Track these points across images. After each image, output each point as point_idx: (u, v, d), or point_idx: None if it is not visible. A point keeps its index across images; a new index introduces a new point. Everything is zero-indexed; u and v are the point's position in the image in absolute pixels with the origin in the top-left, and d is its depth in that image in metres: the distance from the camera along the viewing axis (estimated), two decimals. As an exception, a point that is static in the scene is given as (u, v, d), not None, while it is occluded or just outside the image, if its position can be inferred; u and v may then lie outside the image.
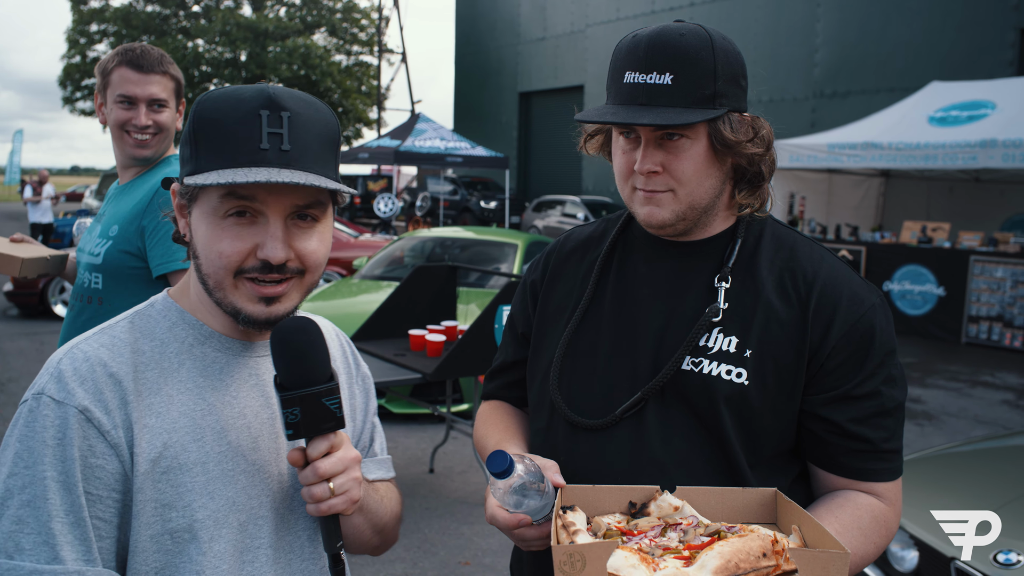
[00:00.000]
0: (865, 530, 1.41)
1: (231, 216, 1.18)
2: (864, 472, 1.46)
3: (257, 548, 1.25)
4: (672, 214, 1.48)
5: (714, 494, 1.37)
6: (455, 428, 6.19)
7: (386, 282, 8.66)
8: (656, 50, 1.41)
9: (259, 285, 1.21)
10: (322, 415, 1.20)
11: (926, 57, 16.83)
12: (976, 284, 11.47)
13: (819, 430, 1.46)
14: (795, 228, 1.61)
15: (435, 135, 22.03)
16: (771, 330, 1.45)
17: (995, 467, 3.95)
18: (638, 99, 1.42)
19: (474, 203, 27.10)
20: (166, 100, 2.63)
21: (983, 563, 2.89)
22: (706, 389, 1.44)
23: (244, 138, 1.15)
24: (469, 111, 34.72)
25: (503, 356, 1.81)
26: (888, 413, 1.46)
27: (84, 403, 1.13)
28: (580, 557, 1.13)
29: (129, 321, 1.26)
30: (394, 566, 4.52)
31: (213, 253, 1.19)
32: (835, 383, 1.44)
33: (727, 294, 1.49)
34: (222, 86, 1.23)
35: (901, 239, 12.76)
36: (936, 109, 12.06)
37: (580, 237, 1.76)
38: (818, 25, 19.43)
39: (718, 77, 1.42)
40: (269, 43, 35.97)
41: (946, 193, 14.46)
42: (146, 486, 1.16)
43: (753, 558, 1.15)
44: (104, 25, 36.69)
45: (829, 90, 18.92)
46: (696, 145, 1.44)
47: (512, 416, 1.77)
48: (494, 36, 33.14)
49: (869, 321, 1.45)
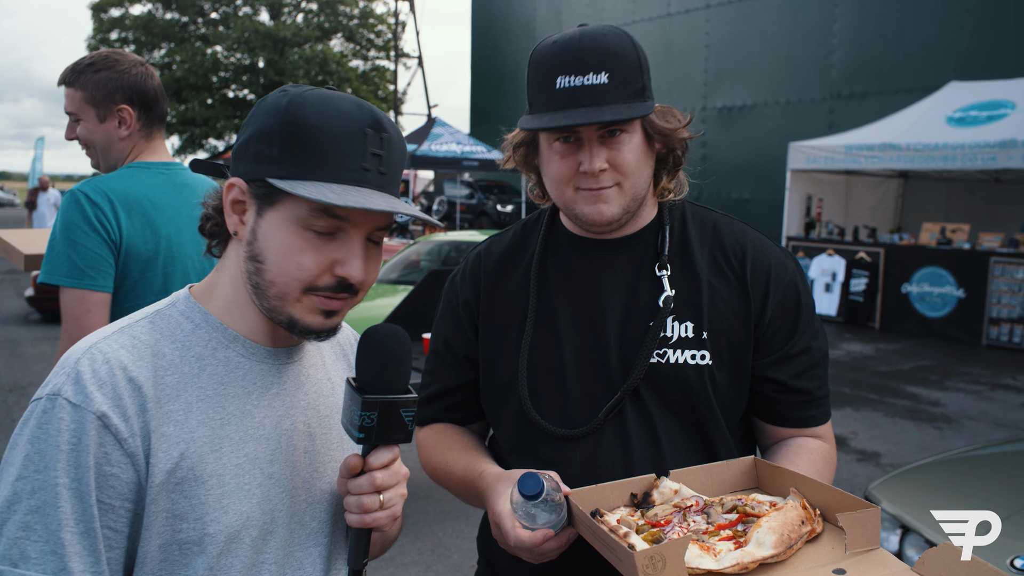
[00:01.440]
0: (821, 470, 1.57)
1: (314, 231, 1.15)
2: (807, 420, 1.63)
3: (263, 563, 1.22)
4: (619, 208, 1.53)
5: (703, 471, 1.48)
6: (470, 432, 6.18)
7: (402, 286, 8.68)
8: (587, 51, 1.44)
9: (328, 300, 1.18)
10: (396, 425, 1.18)
11: (944, 57, 16.67)
12: (997, 286, 11.34)
13: (766, 390, 1.60)
14: (710, 207, 1.72)
15: (451, 139, 22.06)
16: (718, 308, 1.56)
17: (1014, 471, 3.90)
18: (580, 101, 1.44)
19: (491, 207, 27.12)
20: (76, 112, 2.53)
21: (1000, 567, 2.85)
22: (677, 377, 1.53)
23: (349, 154, 1.13)
24: (486, 115, 34.76)
25: (440, 382, 1.75)
26: (818, 364, 1.62)
27: (102, 408, 1.08)
28: (661, 558, 1.17)
29: (150, 321, 1.20)
30: (407, 569, 4.53)
31: (292, 264, 1.15)
32: (777, 345, 1.58)
33: (671, 281, 1.56)
34: (323, 88, 1.19)
35: (920, 241, 12.65)
36: (955, 109, 11.96)
37: (502, 247, 1.74)
38: (835, 26, 19.30)
39: (643, 71, 1.50)
40: (287, 50, 36.20)
41: (966, 194, 14.33)
42: (160, 497, 1.12)
43: (797, 527, 1.26)
44: (124, 33, 37.05)
45: (847, 91, 18.78)
46: (634, 138, 1.50)
47: (464, 436, 1.75)
48: (510, 40, 33.18)
49: (794, 283, 1.60)
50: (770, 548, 1.21)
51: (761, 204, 17.85)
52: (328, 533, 1.31)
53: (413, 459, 6.80)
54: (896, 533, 3.42)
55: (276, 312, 1.19)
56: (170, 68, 36.43)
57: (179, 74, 35.37)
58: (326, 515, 1.31)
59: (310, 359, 1.34)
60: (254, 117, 1.19)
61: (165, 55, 37.08)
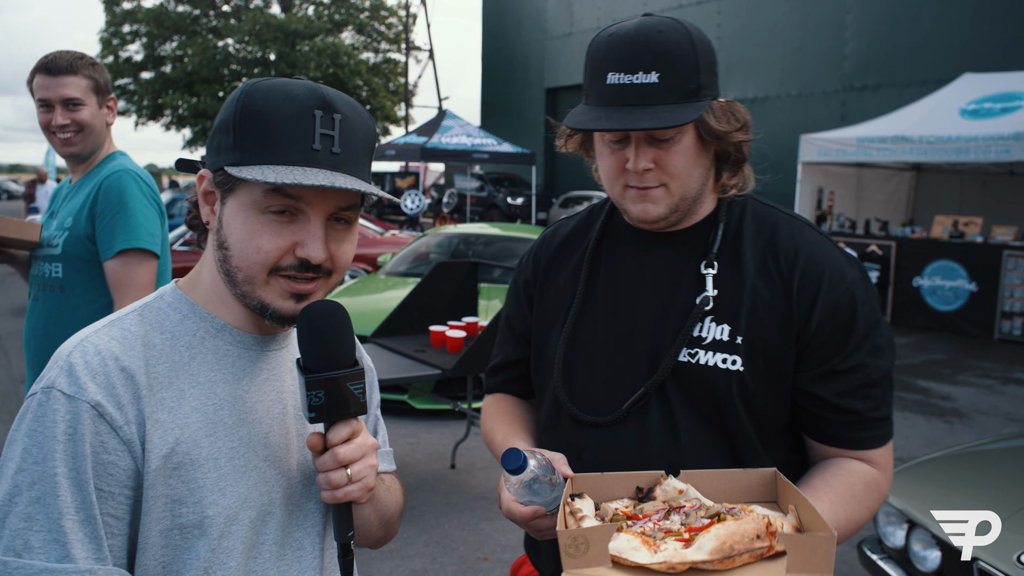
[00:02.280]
0: (858, 496, 1.47)
1: (272, 213, 1.17)
2: (854, 442, 1.51)
3: (262, 544, 1.24)
4: (666, 208, 1.50)
5: (716, 476, 1.43)
6: (476, 424, 6.19)
7: (411, 278, 8.69)
8: (638, 48, 1.41)
9: (293, 281, 1.20)
10: (346, 399, 1.19)
11: (958, 48, 16.52)
12: (1009, 279, 11.25)
13: (809, 405, 1.51)
14: (776, 205, 1.64)
15: (462, 132, 22.04)
16: (759, 314, 1.49)
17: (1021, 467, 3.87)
18: (627, 100, 1.42)
19: (501, 199, 27.12)
20: (79, 98, 2.79)
21: (1006, 564, 2.84)
22: (704, 379, 1.48)
23: (296, 136, 1.15)
24: (496, 107, 34.72)
25: (502, 355, 1.84)
26: (874, 383, 1.50)
27: (96, 398, 1.11)
28: (584, 540, 1.20)
29: (139, 314, 1.23)
30: (413, 561, 4.54)
31: (251, 247, 1.18)
32: (822, 359, 1.48)
33: (715, 281, 1.52)
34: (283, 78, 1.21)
35: (932, 234, 12.56)
36: (968, 101, 11.85)
37: (566, 231, 1.77)
38: (848, 17, 19.16)
39: (700, 70, 1.44)
40: (298, 42, 36.23)
41: (979, 187, 14.22)
42: (158, 482, 1.14)
43: (747, 540, 1.20)
44: (136, 26, 37.16)
45: (859, 83, 18.66)
46: (685, 139, 1.46)
47: (517, 408, 1.81)
48: (521, 32, 33.09)
49: (850, 295, 1.49)
50: (704, 554, 1.18)
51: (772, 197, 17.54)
52: (323, 512, 1.35)
53: (420, 451, 6.78)
54: (903, 528, 3.40)
55: (248, 298, 1.22)
56: (182, 61, 36.52)
57: (191, 67, 35.46)
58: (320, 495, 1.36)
59: (295, 346, 1.36)
60: (220, 111, 1.23)
61: (177, 48, 37.17)
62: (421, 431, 6.85)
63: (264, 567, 1.25)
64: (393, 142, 23.44)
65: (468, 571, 4.47)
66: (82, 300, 2.83)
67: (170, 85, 36.70)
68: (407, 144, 22.07)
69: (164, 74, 37.40)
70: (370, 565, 4.46)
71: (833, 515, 1.41)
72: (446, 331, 5.40)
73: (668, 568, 1.18)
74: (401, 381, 4.96)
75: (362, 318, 6.95)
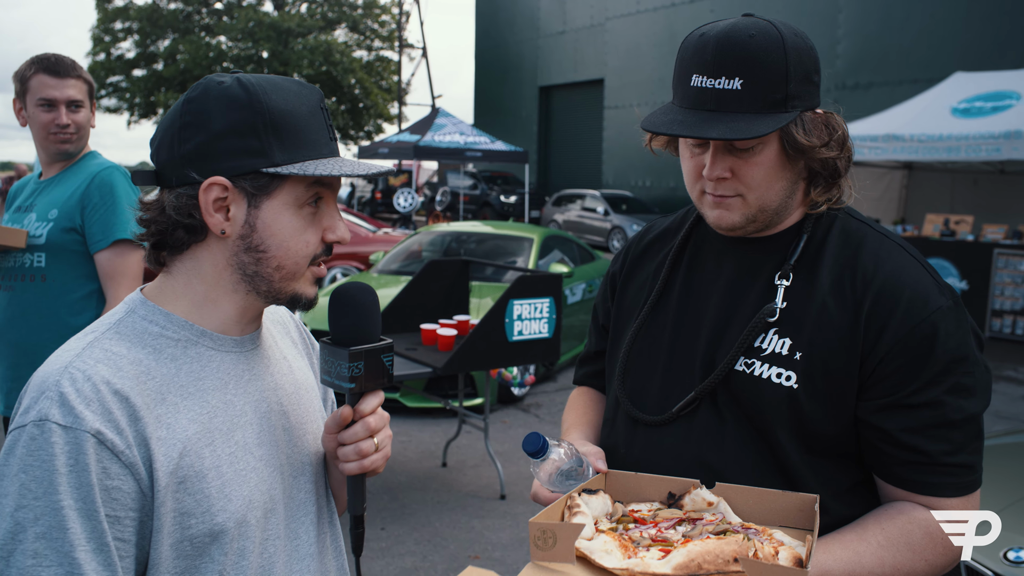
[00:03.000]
0: (915, 546, 1.34)
1: (308, 206, 1.22)
2: (922, 485, 1.37)
3: (270, 539, 1.27)
4: (742, 217, 1.44)
5: (752, 494, 1.37)
6: (467, 423, 6.19)
7: (403, 276, 8.68)
8: (725, 53, 1.34)
9: (318, 267, 1.27)
10: (380, 371, 1.28)
11: (949, 47, 16.58)
12: (1000, 278, 11.29)
13: (872, 438, 1.39)
14: (872, 222, 1.55)
15: (455, 130, 22.01)
16: (823, 333, 1.39)
17: (1010, 463, 3.89)
18: (706, 104, 1.35)
19: (494, 198, 27.09)
20: (82, 101, 2.97)
21: (993, 560, 2.85)
22: (756, 391, 1.42)
23: (318, 130, 1.22)
24: (489, 106, 34.70)
25: (589, 346, 1.86)
26: (953, 425, 1.35)
27: (96, 426, 1.08)
28: (552, 534, 1.20)
29: (115, 331, 1.20)
30: (404, 559, 4.54)
31: (300, 243, 1.22)
32: (888, 390, 1.36)
33: (787, 293, 1.44)
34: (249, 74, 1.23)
35: (923, 232, 12.59)
36: (959, 100, 11.87)
37: (659, 229, 1.75)
38: (840, 16, 19.21)
39: (790, 79, 1.35)
40: (291, 40, 36.14)
41: (970, 185, 14.25)
42: (167, 498, 1.13)
43: (721, 561, 1.16)
44: (128, 23, 37.03)
45: (851, 82, 18.70)
46: (767, 150, 1.39)
47: (593, 403, 1.82)
48: (514, 30, 33.08)
49: (931, 325, 1.35)
50: (669, 568, 1.15)
51: (765, 195, 17.70)
52: (314, 502, 1.38)
53: (412, 449, 6.79)
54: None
55: (280, 293, 1.26)
56: (174, 59, 36.40)
57: (183, 65, 35.34)
58: (311, 485, 1.38)
59: (267, 341, 1.38)
60: (203, 114, 1.17)
61: (169, 45, 37.04)
62: (412, 429, 6.84)
63: (273, 560, 1.28)
64: (386, 140, 23.41)
65: (459, 569, 4.47)
66: (64, 289, 2.90)
67: (163, 83, 36.59)
68: (400, 142, 22.03)
69: (156, 72, 37.28)
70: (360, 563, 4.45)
71: (878, 560, 1.32)
72: (437, 329, 5.39)
73: (628, 575, 1.17)
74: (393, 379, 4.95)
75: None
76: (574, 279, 9.00)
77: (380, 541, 4.75)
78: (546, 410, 7.67)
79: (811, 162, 1.42)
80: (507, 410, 7.60)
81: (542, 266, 8.81)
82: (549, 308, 5.28)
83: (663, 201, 24.76)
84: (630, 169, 26.56)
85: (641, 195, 25.09)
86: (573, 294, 8.91)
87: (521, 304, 5.14)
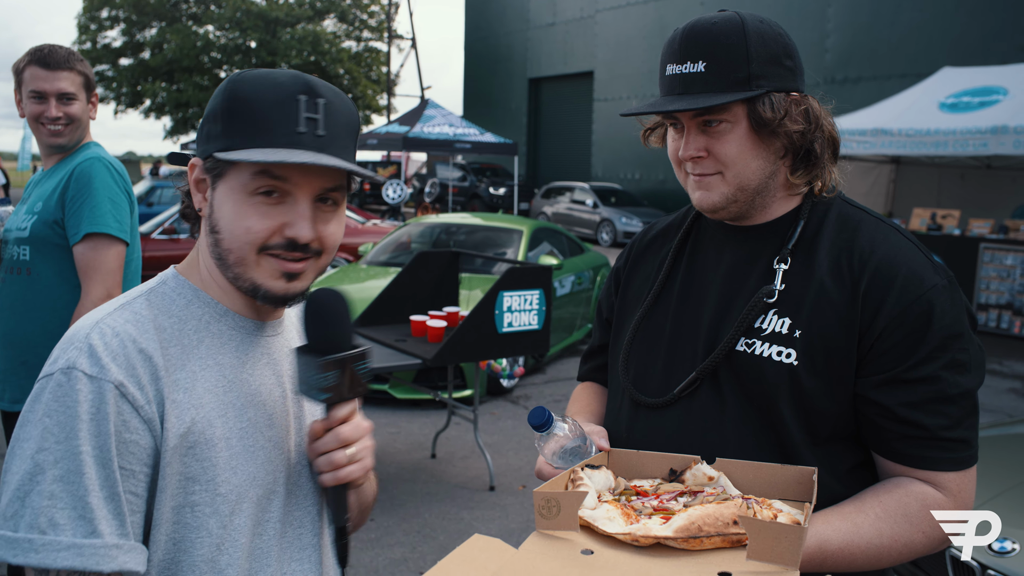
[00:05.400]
0: (912, 517, 1.37)
1: (260, 194, 1.20)
2: (920, 460, 1.41)
3: (268, 522, 1.29)
4: (721, 196, 1.50)
5: (752, 468, 1.40)
6: (456, 414, 6.20)
7: (392, 268, 8.67)
8: (689, 40, 1.45)
9: (283, 261, 1.24)
10: (354, 380, 1.26)
11: (938, 42, 16.65)
12: (986, 272, 11.39)
13: (871, 414, 1.43)
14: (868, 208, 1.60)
15: (444, 121, 21.95)
16: (822, 310, 1.44)
17: (995, 455, 3.92)
18: (676, 89, 1.47)
19: (483, 189, 27.07)
20: (74, 93, 2.94)
21: (978, 551, 2.87)
22: (757, 370, 1.46)
23: (282, 120, 1.19)
24: (479, 97, 34.62)
25: (593, 340, 1.90)
26: (950, 400, 1.39)
27: (119, 378, 1.13)
28: (556, 503, 1.21)
29: (146, 298, 1.26)
30: (393, 550, 4.54)
31: (240, 228, 1.21)
32: (886, 365, 1.40)
33: (785, 276, 1.49)
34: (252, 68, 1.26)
35: (910, 226, 12.68)
36: (947, 95, 11.94)
37: (662, 225, 1.81)
38: (829, 10, 19.26)
39: (751, 59, 1.43)
40: (279, 30, 35.93)
41: (957, 180, 14.34)
42: (174, 460, 1.17)
43: (721, 523, 1.18)
44: (115, 11, 36.71)
45: (840, 76, 18.76)
46: (737, 128, 1.46)
47: (597, 396, 1.86)
48: (504, 22, 32.99)
49: (927, 302, 1.40)
50: (670, 531, 1.18)
51: (753, 189, 17.76)
52: (320, 493, 1.39)
53: (401, 441, 6.79)
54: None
55: (240, 279, 1.25)
56: (161, 48, 36.13)
57: (170, 54, 35.09)
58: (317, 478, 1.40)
59: (289, 333, 1.42)
60: (209, 102, 1.27)
61: (156, 35, 36.75)
62: (402, 420, 6.85)
63: (268, 544, 1.29)
64: (375, 131, 23.31)
65: (448, 560, 4.48)
66: (48, 283, 2.89)
67: (149, 72, 36.33)
68: (389, 133, 21.96)
69: (143, 61, 37.01)
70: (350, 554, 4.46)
71: (876, 531, 1.35)
72: (427, 320, 5.39)
73: (632, 540, 1.19)
74: (381, 370, 4.96)
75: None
76: (563, 271, 9.01)
77: (369, 532, 4.75)
78: (535, 402, 7.68)
79: (783, 139, 1.47)
80: (496, 402, 7.62)
81: (531, 258, 8.80)
82: (539, 300, 5.29)
83: (652, 194, 24.80)
84: (619, 162, 26.57)
85: (630, 188, 25.12)
86: (562, 286, 8.92)
87: (511, 296, 5.14)
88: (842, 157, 1.59)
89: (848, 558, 1.33)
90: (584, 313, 9.64)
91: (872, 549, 1.34)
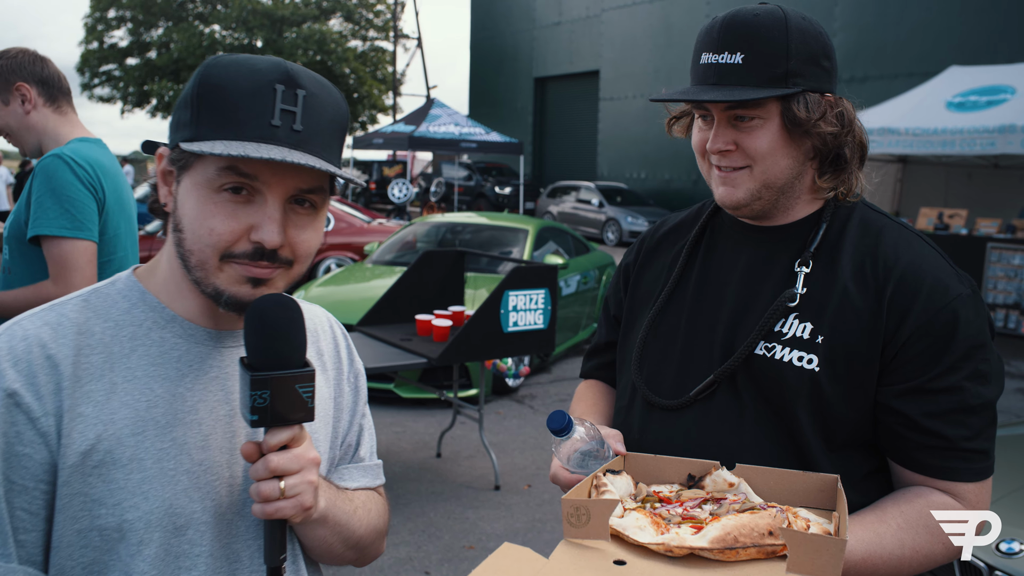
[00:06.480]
0: (932, 528, 1.35)
1: (226, 191, 1.09)
2: (941, 470, 1.38)
3: (197, 555, 1.15)
4: (746, 193, 1.46)
5: (773, 475, 1.38)
6: (462, 413, 6.20)
7: (398, 267, 8.67)
8: (729, 31, 1.41)
9: (247, 266, 1.12)
10: (293, 403, 1.09)
11: (945, 41, 16.59)
12: (993, 271, 11.34)
13: (892, 423, 1.40)
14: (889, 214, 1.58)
15: (449, 120, 21.96)
16: (845, 317, 1.41)
17: (1002, 456, 3.90)
18: (709, 79, 1.42)
19: (489, 189, 27.07)
20: None
21: (986, 552, 2.87)
22: (776, 375, 1.43)
23: (255, 111, 1.07)
24: (484, 97, 34.62)
25: (598, 337, 1.86)
26: (971, 410, 1.37)
27: (14, 386, 1.05)
28: (585, 511, 1.18)
29: (84, 299, 1.17)
30: (399, 549, 4.54)
31: (203, 229, 1.09)
32: (910, 374, 1.38)
33: (806, 279, 1.46)
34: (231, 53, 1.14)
35: (917, 226, 12.63)
36: (954, 94, 11.90)
37: (674, 221, 1.78)
38: (836, 9, 19.20)
39: (791, 56, 1.40)
40: (285, 29, 35.97)
41: (964, 179, 14.29)
42: (74, 479, 1.07)
43: (757, 534, 1.15)
44: (122, 11, 36.78)
45: (847, 75, 18.69)
46: (769, 124, 1.42)
47: (603, 394, 1.82)
48: (509, 21, 32.98)
49: (952, 312, 1.37)
50: (706, 542, 1.15)
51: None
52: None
53: (406, 440, 6.79)
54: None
55: (202, 284, 1.14)
56: (167, 47, 36.20)
57: (176, 54, 35.15)
58: None
59: None
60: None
61: (163, 34, 36.83)
62: (407, 420, 6.85)
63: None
64: (381, 130, 23.34)
65: (453, 559, 4.48)
66: (23, 283, 2.85)
67: (156, 72, 36.38)
68: (395, 133, 21.98)
69: (150, 60, 37.07)
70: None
71: (898, 541, 1.33)
72: (432, 320, 5.39)
73: (666, 550, 1.16)
74: (387, 370, 4.96)
75: (348, 307, 6.93)
76: (569, 271, 9.00)
77: (374, 531, 4.75)
78: (540, 401, 7.68)
79: (814, 140, 1.44)
80: (502, 401, 7.61)
81: (537, 257, 8.80)
82: (544, 299, 5.28)
83: (658, 193, 24.76)
84: (625, 161, 26.53)
85: (636, 187, 25.08)
86: (568, 286, 8.91)
87: (516, 295, 5.14)
88: None
89: (870, 568, 1.31)
90: (590, 312, 9.63)
91: (894, 560, 1.33)
